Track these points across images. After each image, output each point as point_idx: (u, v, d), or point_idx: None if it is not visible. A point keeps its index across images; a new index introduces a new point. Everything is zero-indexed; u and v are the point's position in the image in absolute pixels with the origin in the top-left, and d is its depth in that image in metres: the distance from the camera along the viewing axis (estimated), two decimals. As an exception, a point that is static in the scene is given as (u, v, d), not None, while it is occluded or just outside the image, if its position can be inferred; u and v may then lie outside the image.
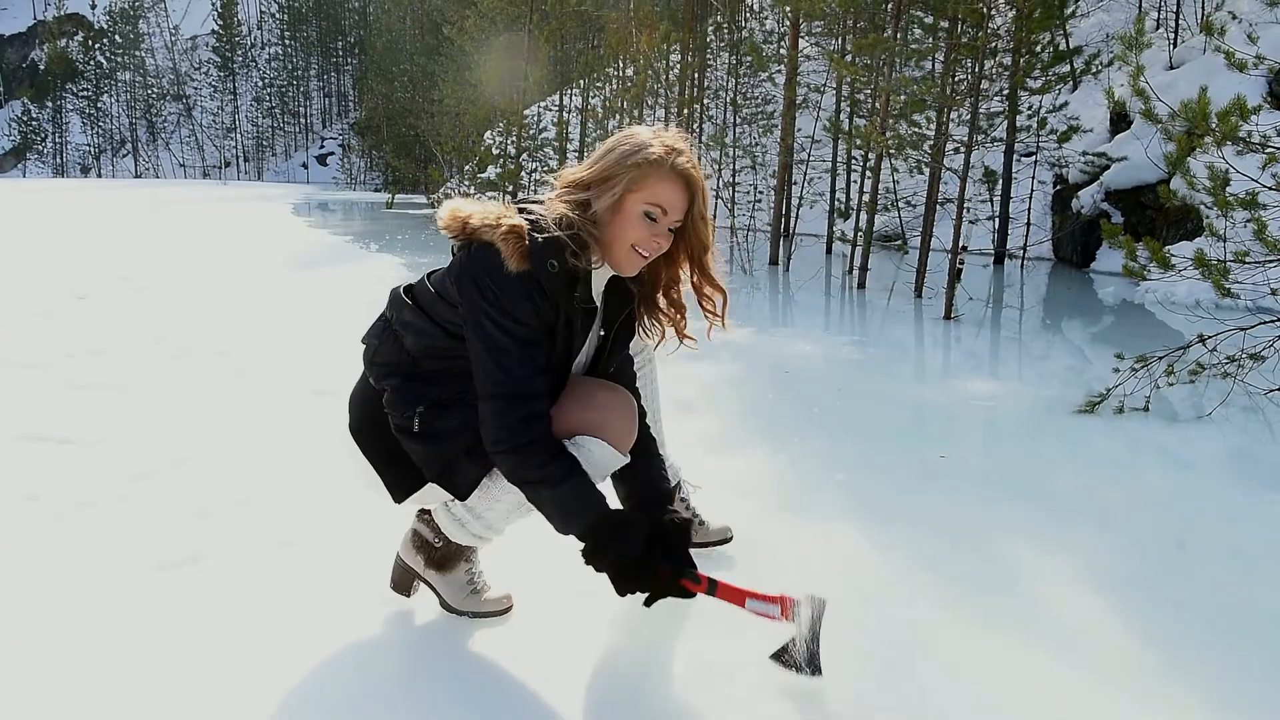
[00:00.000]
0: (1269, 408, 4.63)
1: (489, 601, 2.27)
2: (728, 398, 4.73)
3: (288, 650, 2.08)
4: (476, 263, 1.89)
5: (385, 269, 11.29)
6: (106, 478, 3.12)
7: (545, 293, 1.88)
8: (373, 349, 2.11)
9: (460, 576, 2.25)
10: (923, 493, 3.37)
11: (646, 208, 1.92)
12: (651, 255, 1.97)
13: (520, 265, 1.84)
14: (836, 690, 1.99)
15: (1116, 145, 12.98)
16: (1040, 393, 5.14)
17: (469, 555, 2.26)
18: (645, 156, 1.92)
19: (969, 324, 7.80)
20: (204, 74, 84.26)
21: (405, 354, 2.04)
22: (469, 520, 2.11)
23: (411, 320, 2.02)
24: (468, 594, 2.26)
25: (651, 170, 1.92)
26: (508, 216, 1.89)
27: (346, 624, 2.20)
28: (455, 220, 1.94)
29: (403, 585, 2.30)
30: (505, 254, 1.84)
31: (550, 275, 1.87)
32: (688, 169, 1.95)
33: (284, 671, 1.99)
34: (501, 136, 20.94)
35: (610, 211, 1.93)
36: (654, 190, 1.93)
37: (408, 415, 2.00)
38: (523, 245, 1.85)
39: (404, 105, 39.62)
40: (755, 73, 19.17)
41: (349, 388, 2.18)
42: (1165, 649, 2.23)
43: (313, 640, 2.12)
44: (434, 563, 2.24)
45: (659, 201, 1.93)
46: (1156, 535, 3.01)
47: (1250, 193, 4.62)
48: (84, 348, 5.24)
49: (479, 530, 2.12)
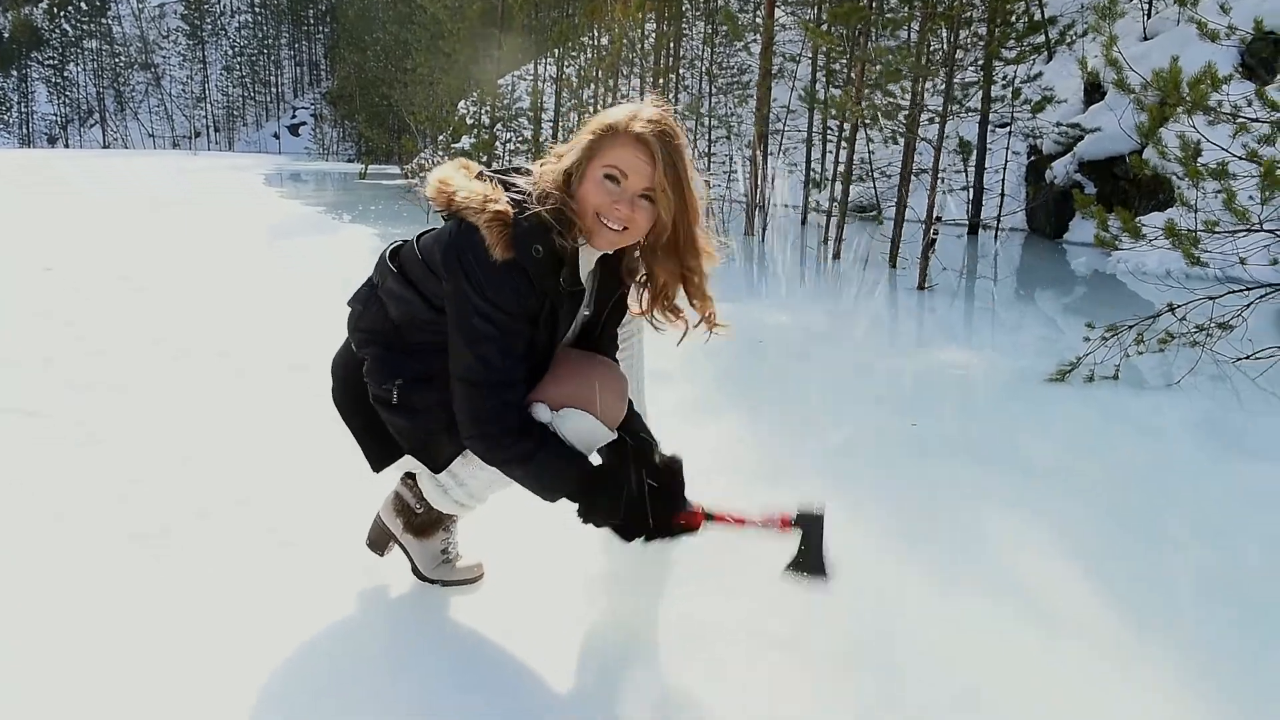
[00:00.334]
0: (1236, 375, 4.69)
1: (460, 570, 2.28)
2: (703, 368, 4.74)
3: (265, 628, 2.07)
4: (463, 242, 1.85)
5: (359, 239, 11.20)
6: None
7: (530, 280, 1.85)
8: (357, 314, 2.09)
9: (436, 545, 2.26)
10: (895, 460, 3.40)
11: (605, 169, 1.87)
12: (618, 225, 1.89)
13: (505, 254, 1.81)
14: (816, 650, 2.02)
15: (1090, 116, 13.04)
16: (1012, 362, 5.18)
17: (448, 524, 2.26)
18: (605, 122, 1.89)
19: (942, 294, 7.84)
20: (172, 42, 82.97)
21: (389, 322, 2.01)
22: (453, 487, 2.10)
23: (395, 289, 1.99)
24: (440, 562, 2.26)
25: (610, 135, 1.88)
26: (493, 200, 1.85)
27: (323, 600, 2.20)
28: (441, 193, 1.92)
29: (379, 545, 2.30)
30: (490, 241, 1.81)
31: (535, 261, 1.84)
32: (644, 131, 1.86)
33: (263, 649, 1.99)
34: (475, 106, 20.77)
35: (578, 181, 1.90)
36: (610, 153, 1.87)
37: (386, 387, 1.98)
38: (506, 233, 1.82)
39: (377, 74, 39.09)
40: (731, 42, 19.09)
41: (325, 361, 2.16)
42: (1136, 612, 2.26)
43: (288, 617, 2.12)
44: (413, 528, 2.24)
45: (615, 163, 1.87)
46: (1127, 501, 3.05)
47: (1221, 163, 4.66)
48: (62, 321, 5.19)
49: (461, 498, 2.12)
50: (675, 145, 1.89)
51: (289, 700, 1.82)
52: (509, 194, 1.89)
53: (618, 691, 1.91)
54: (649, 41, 20.20)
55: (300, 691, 1.85)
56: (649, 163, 1.86)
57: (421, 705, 1.81)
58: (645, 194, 1.89)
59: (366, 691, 1.86)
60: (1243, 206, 4.59)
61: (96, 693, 1.81)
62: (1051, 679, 1.97)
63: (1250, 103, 4.73)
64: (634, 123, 1.86)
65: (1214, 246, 4.79)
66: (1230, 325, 4.86)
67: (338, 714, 1.78)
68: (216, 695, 1.81)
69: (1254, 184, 4.49)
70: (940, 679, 1.95)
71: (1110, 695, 1.91)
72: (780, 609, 2.17)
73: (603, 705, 1.85)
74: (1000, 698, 1.89)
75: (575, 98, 21.04)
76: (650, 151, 1.85)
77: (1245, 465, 3.46)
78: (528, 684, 1.90)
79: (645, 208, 1.90)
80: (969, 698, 1.88)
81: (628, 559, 2.41)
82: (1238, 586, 2.44)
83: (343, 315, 2.13)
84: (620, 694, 1.90)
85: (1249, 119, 4.64)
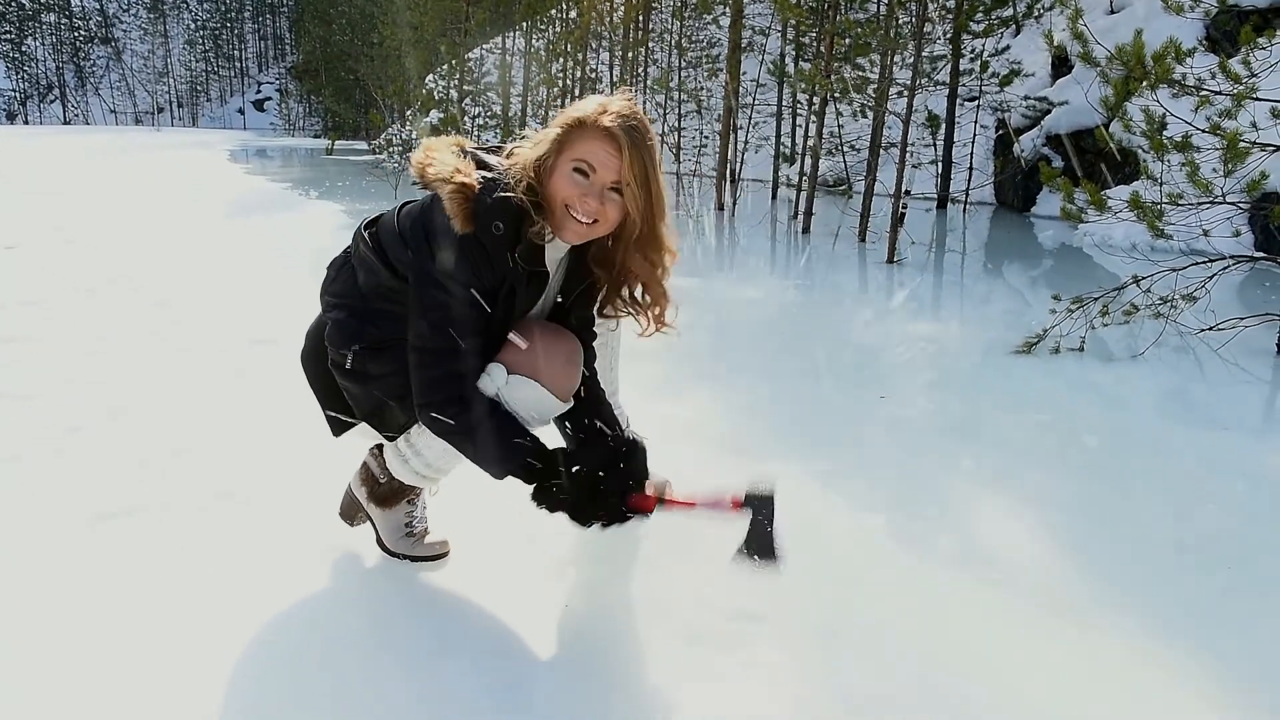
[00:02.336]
0: (1200, 347, 4.75)
1: (424, 546, 2.28)
2: (673, 343, 4.71)
3: (230, 603, 2.06)
4: (428, 215, 1.87)
5: (326, 215, 11.10)
6: (40, 431, 3.06)
7: (488, 255, 1.85)
8: (329, 279, 2.11)
9: (399, 516, 2.26)
10: (864, 432, 3.42)
11: (574, 163, 1.87)
12: (586, 218, 1.89)
13: (464, 227, 1.82)
14: (787, 622, 2.04)
15: (1057, 89, 13.11)
16: (980, 334, 5.22)
17: (411, 497, 2.27)
18: (574, 115, 1.88)
19: (911, 267, 7.88)
20: (133, 15, 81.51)
21: (356, 289, 2.03)
22: (411, 456, 2.10)
23: (365, 256, 2.00)
24: (403, 535, 2.27)
25: (579, 128, 1.87)
26: (461, 173, 1.85)
27: (287, 573, 2.19)
28: (418, 164, 1.94)
29: (348, 514, 2.33)
30: (450, 213, 1.82)
31: (494, 238, 1.83)
32: (613, 126, 1.85)
33: (229, 625, 1.97)
34: (444, 80, 20.57)
35: (548, 174, 1.90)
36: (579, 147, 1.87)
37: (343, 352, 1.99)
38: (467, 206, 1.82)
39: (343, 48, 38.64)
40: (700, 15, 19.00)
41: (289, 336, 2.15)
42: (1101, 579, 2.30)
43: (255, 591, 2.11)
44: (376, 497, 2.25)
45: (584, 156, 1.87)
46: (1093, 471, 3.09)
47: (1185, 136, 4.70)
48: (15, 299, 5.10)
49: (419, 467, 2.11)
50: (644, 139, 1.88)
51: (238, 665, 1.82)
52: (481, 172, 1.88)
53: (596, 661, 1.91)
54: (618, 14, 20.06)
55: (269, 666, 1.84)
56: (617, 156, 1.86)
57: (407, 683, 1.81)
58: (614, 187, 1.88)
59: (338, 669, 1.85)
60: (1206, 179, 4.64)
61: (33, 654, 1.80)
62: (1017, 644, 2.00)
63: (1214, 75, 4.77)
64: (603, 117, 1.85)
65: (1178, 219, 4.84)
66: (1194, 297, 4.92)
67: (317, 689, 1.78)
68: (192, 670, 1.80)
69: (1217, 157, 4.54)
70: (909, 648, 1.97)
71: (1073, 656, 1.94)
72: (750, 581, 2.18)
73: (581, 677, 1.85)
74: (969, 665, 1.91)
75: (544, 71, 20.88)
76: (618, 145, 1.85)
77: (1208, 434, 3.51)
78: (507, 657, 1.90)
79: (615, 201, 1.90)
80: (938, 666, 1.90)
81: (594, 537, 2.42)
82: (1197, 549, 2.49)
83: (310, 291, 2.12)
84: (598, 664, 1.90)
85: (1212, 92, 4.68)
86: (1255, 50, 4.78)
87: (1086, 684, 1.87)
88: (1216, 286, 5.17)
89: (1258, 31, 4.76)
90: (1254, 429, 3.65)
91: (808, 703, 1.79)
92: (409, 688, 1.79)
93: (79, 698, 1.73)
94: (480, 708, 1.74)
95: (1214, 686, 1.88)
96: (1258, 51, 4.80)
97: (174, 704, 1.71)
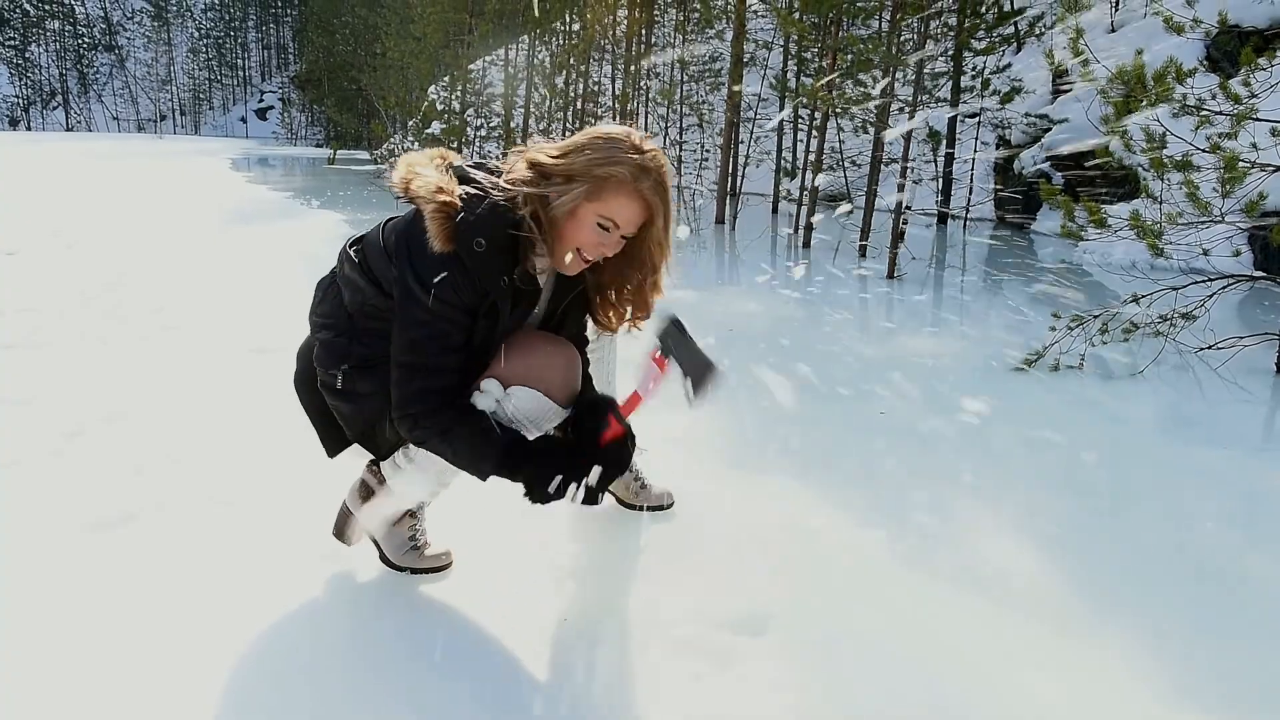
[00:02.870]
0: (1199, 365, 4.75)
1: (428, 558, 2.27)
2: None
3: (227, 612, 2.06)
4: (412, 230, 1.88)
5: (327, 225, 11.10)
6: (38, 436, 3.06)
7: (469, 272, 1.84)
8: (317, 300, 2.10)
9: (403, 531, 2.25)
10: (863, 448, 3.42)
11: (600, 219, 1.89)
12: (594, 259, 1.95)
13: (445, 245, 1.82)
14: (785, 636, 2.03)
15: (1058, 107, 13.13)
16: (980, 350, 5.22)
17: (413, 510, 2.25)
18: (611, 171, 1.86)
19: (911, 283, 7.88)
20: (137, 24, 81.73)
21: (343, 309, 2.02)
22: (410, 470, 2.09)
23: (350, 275, 2.00)
24: (407, 549, 2.26)
25: (614, 187, 1.87)
26: (443, 191, 1.85)
27: (284, 582, 2.19)
28: (401, 180, 1.93)
29: (345, 532, 2.30)
30: (431, 232, 1.82)
31: (475, 255, 1.83)
32: (651, 195, 1.89)
33: (225, 633, 1.97)
34: (446, 91, 20.60)
35: (566, 214, 1.90)
36: (610, 205, 1.88)
37: (332, 372, 1.99)
38: (449, 226, 1.83)
39: (346, 58, 38.71)
40: (703, 28, 19.05)
41: (287, 344, 2.15)
42: (1101, 595, 2.30)
43: (253, 601, 2.11)
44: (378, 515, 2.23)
45: (613, 215, 1.89)
46: (1092, 487, 3.09)
47: (1185, 155, 4.71)
48: (14, 305, 5.11)
49: (419, 480, 2.10)
50: (668, 195, 1.94)
51: (234, 674, 1.81)
52: (466, 187, 1.88)
53: (594, 674, 1.91)
54: (621, 28, 20.10)
55: (268, 677, 1.84)
56: (644, 216, 1.92)
57: (405, 695, 1.81)
58: (626, 235, 1.95)
59: (338, 680, 1.85)
60: (1205, 199, 4.65)
61: (30, 659, 1.79)
62: (1017, 658, 1.99)
63: (1214, 95, 4.78)
64: (641, 180, 1.87)
65: (1178, 238, 4.84)
66: (1193, 316, 4.92)
67: (313, 703, 1.77)
68: (186, 678, 1.80)
69: (1216, 177, 4.55)
70: (910, 661, 1.97)
71: (1074, 671, 1.94)
72: (746, 590, 2.18)
73: (582, 688, 1.85)
74: (970, 679, 1.91)
75: (548, 83, 20.92)
76: (650, 210, 1.91)
77: (1207, 452, 3.51)
78: (506, 669, 1.90)
79: (620, 243, 1.96)
80: (939, 678, 1.90)
81: (595, 547, 2.42)
82: (1196, 567, 2.49)
83: (309, 300, 2.12)
84: (597, 677, 1.90)
85: (1212, 112, 4.69)
86: (1255, 71, 4.79)
87: (1087, 699, 1.87)
88: (1216, 305, 5.18)
89: (1258, 52, 4.77)
90: (1253, 447, 3.65)
91: (808, 715, 1.78)
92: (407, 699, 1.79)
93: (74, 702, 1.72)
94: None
95: (1215, 702, 1.87)
96: (1258, 72, 4.81)
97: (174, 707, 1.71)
